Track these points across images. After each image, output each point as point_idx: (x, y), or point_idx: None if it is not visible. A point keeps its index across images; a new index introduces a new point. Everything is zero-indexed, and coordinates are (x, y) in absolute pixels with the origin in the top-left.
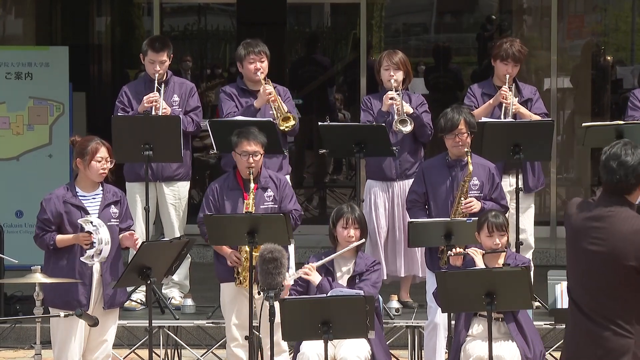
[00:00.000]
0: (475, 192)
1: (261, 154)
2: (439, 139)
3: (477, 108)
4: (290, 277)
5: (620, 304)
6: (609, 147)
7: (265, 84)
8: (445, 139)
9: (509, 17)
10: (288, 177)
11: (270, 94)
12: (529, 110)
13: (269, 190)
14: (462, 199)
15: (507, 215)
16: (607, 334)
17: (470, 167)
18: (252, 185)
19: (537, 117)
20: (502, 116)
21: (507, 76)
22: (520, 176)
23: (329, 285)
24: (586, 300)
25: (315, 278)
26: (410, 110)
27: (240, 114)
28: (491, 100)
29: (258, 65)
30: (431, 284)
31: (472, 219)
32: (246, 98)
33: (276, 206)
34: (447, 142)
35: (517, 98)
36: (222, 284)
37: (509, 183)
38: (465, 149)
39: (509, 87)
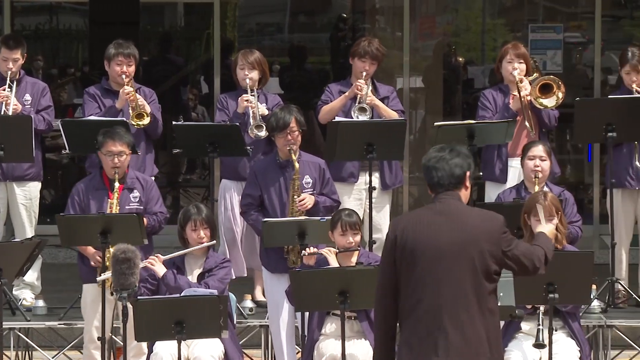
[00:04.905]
0: (309, 189)
1: (127, 154)
2: None
3: None
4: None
5: (478, 294)
6: (427, 153)
7: (127, 84)
8: (277, 137)
9: (362, 17)
10: (152, 179)
11: (128, 93)
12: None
13: (135, 191)
14: (295, 197)
15: (361, 213)
16: (468, 327)
17: (297, 165)
18: (117, 185)
19: (393, 113)
20: (355, 103)
21: (364, 73)
22: (376, 174)
23: (174, 277)
24: (444, 300)
25: (159, 269)
26: (266, 112)
27: (102, 115)
28: (347, 93)
29: (125, 69)
30: (269, 283)
31: (326, 217)
32: (109, 99)
33: (142, 207)
34: (279, 141)
35: (374, 96)
36: (85, 285)
37: (365, 181)
38: (288, 147)
39: (365, 83)
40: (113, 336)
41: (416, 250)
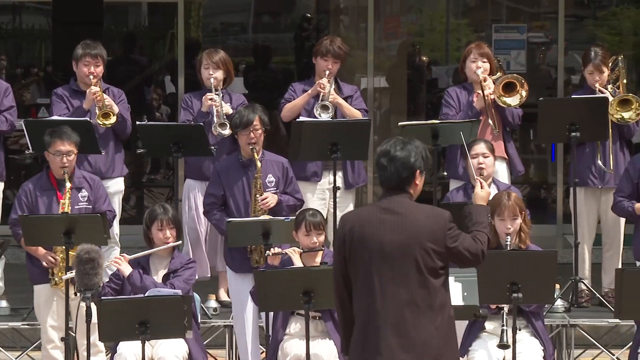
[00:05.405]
0: (272, 188)
1: (75, 154)
2: None
3: None
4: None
5: (424, 292)
6: (381, 145)
7: (95, 85)
8: (240, 135)
9: (326, 17)
10: (122, 179)
11: (95, 93)
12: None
13: (84, 190)
14: (258, 196)
15: (324, 213)
16: (414, 326)
17: (259, 164)
18: (67, 185)
19: (357, 111)
20: (318, 101)
21: (327, 72)
22: (339, 173)
23: (140, 277)
24: (388, 299)
25: (125, 269)
26: (230, 111)
27: (69, 116)
28: (309, 91)
29: (92, 69)
30: (233, 283)
31: (290, 217)
32: (77, 99)
33: (90, 207)
34: (241, 139)
35: (338, 95)
36: (36, 286)
37: (328, 180)
38: (250, 146)
39: (328, 81)
40: (73, 335)
41: (362, 248)
